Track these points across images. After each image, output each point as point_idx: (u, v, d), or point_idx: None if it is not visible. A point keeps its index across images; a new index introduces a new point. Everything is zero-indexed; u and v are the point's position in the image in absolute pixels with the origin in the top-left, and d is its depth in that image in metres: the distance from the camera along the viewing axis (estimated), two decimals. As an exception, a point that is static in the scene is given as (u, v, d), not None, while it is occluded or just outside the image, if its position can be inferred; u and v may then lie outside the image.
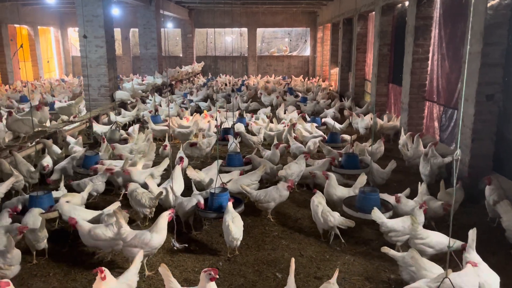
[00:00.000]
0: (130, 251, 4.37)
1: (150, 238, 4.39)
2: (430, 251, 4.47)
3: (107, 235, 4.51)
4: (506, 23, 5.99)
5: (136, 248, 4.32)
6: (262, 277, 4.50)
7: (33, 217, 4.86)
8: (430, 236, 4.51)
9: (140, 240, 4.36)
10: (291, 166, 6.62)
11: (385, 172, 6.78)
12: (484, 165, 6.42)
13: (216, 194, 5.38)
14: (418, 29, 8.89)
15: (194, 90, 17.19)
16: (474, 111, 6.28)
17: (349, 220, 5.08)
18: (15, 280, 4.39)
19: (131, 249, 4.37)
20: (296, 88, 18.60)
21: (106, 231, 4.54)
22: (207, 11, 25.81)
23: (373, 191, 5.45)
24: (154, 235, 4.42)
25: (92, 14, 11.41)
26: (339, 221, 5.06)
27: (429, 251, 4.47)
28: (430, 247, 4.47)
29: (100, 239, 4.53)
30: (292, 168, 6.59)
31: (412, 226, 4.52)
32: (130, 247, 4.38)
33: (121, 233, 4.43)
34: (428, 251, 4.47)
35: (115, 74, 12.55)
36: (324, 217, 5.07)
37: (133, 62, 25.98)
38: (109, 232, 4.52)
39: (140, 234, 4.42)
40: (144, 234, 4.42)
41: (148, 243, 4.37)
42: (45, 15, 24.16)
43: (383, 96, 12.21)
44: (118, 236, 4.44)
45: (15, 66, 20.48)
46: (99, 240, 4.54)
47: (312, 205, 5.33)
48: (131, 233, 4.43)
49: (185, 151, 8.18)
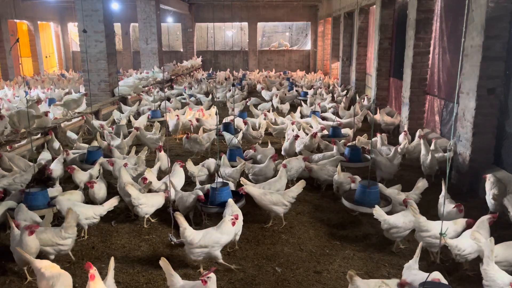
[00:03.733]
0: (200, 252, 4.30)
1: (220, 236, 4.36)
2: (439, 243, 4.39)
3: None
4: (508, 16, 5.93)
5: (207, 248, 4.28)
6: (261, 271, 4.50)
7: (24, 215, 4.81)
8: (436, 227, 4.41)
9: (212, 239, 4.30)
10: (291, 161, 6.62)
11: (393, 166, 6.78)
12: (484, 159, 6.40)
13: (217, 188, 5.37)
14: (419, 23, 8.83)
15: (194, 84, 17.15)
16: (475, 105, 6.24)
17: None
18: (17, 278, 4.40)
19: (201, 249, 4.30)
20: (297, 83, 18.54)
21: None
22: (207, 5, 25.70)
23: (372, 185, 5.43)
24: (221, 232, 4.39)
25: (92, 8, 11.37)
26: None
27: (437, 243, 4.34)
28: (438, 238, 4.32)
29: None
30: (292, 163, 6.59)
31: (415, 218, 4.50)
32: (200, 248, 4.30)
33: (186, 236, 4.31)
34: (437, 243, 4.34)
35: (115, 69, 12.52)
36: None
37: (134, 57, 25.92)
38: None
39: (208, 233, 4.35)
40: (211, 233, 4.36)
41: (218, 241, 4.34)
42: (45, 10, 24.09)
43: (384, 90, 12.17)
44: (184, 239, 4.32)
45: (15, 61, 20.44)
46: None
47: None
48: (197, 234, 4.34)
49: (185, 145, 8.22)
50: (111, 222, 5.57)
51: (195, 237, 4.27)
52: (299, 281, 4.32)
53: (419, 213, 4.61)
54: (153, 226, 5.52)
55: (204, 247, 4.28)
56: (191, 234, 4.29)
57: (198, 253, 4.29)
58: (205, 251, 4.29)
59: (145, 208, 5.36)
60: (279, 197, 5.37)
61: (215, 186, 5.41)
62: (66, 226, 4.40)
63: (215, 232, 4.38)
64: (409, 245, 4.95)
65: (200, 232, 4.36)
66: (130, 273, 4.46)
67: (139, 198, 5.32)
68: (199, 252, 4.28)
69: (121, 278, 4.35)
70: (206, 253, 4.31)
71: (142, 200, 5.34)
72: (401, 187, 5.81)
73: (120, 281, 4.30)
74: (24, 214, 4.80)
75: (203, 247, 4.28)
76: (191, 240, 4.25)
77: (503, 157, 6.27)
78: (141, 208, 5.33)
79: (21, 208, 4.86)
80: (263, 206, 5.38)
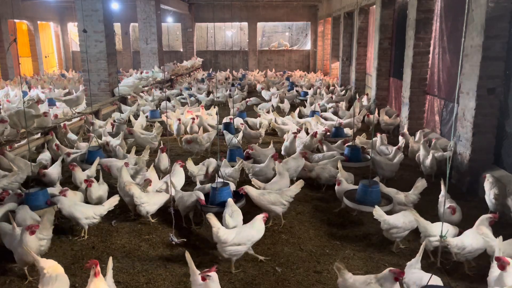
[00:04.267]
0: (233, 249, 4.37)
1: (254, 233, 4.47)
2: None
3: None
4: (508, 16, 5.93)
5: (240, 245, 4.36)
6: (261, 271, 4.50)
7: (24, 215, 4.79)
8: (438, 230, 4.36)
9: (245, 237, 4.39)
10: (289, 161, 6.62)
11: (394, 164, 6.78)
12: (484, 159, 6.40)
13: (217, 188, 5.37)
14: (419, 22, 8.83)
15: (194, 84, 17.15)
16: (475, 105, 6.25)
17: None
18: (17, 278, 4.41)
19: (234, 247, 4.37)
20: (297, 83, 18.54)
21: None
22: (207, 5, 25.70)
23: (374, 184, 5.43)
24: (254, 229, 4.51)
25: (92, 8, 11.36)
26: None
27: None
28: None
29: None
30: (289, 163, 6.59)
31: (419, 223, 4.50)
32: (233, 246, 4.36)
33: (220, 236, 4.33)
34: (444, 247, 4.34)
35: (115, 69, 12.52)
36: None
37: (134, 57, 25.92)
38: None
39: (242, 231, 4.43)
40: (245, 230, 4.45)
41: (251, 238, 4.45)
42: (44, 10, 24.09)
43: (384, 90, 12.18)
44: (216, 238, 4.35)
45: (15, 61, 20.43)
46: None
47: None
48: (230, 233, 4.38)
49: (184, 146, 8.22)
50: (111, 222, 5.57)
51: (229, 236, 4.34)
52: (299, 281, 4.32)
53: (419, 214, 4.61)
54: (154, 226, 5.52)
55: (237, 245, 4.37)
56: (224, 234, 4.35)
57: (231, 250, 4.38)
58: (238, 248, 4.39)
59: (147, 207, 5.36)
60: (277, 196, 5.37)
61: (215, 186, 5.41)
62: (41, 228, 4.37)
63: (248, 229, 4.48)
64: (409, 245, 4.95)
65: (233, 231, 4.42)
66: (130, 273, 4.46)
67: (141, 197, 5.32)
68: (232, 250, 4.37)
69: (121, 278, 4.35)
70: (238, 251, 4.40)
71: (144, 199, 5.34)
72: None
73: (120, 281, 4.30)
74: (24, 214, 4.80)
75: (236, 245, 4.36)
76: (225, 239, 4.32)
77: (503, 157, 6.28)
78: (143, 207, 5.33)
79: (23, 208, 4.85)
80: (262, 206, 5.38)
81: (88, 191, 5.60)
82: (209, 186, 5.69)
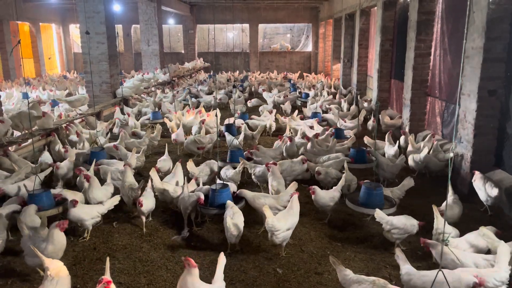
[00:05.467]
0: (285, 235, 4.71)
1: (297, 217, 4.85)
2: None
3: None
4: (508, 18, 5.94)
5: (290, 230, 4.76)
6: (262, 272, 4.51)
7: (30, 216, 4.79)
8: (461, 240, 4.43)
9: (293, 222, 4.78)
10: (284, 163, 6.64)
11: (395, 166, 6.80)
12: (486, 160, 6.40)
13: (217, 190, 5.38)
14: (420, 24, 8.84)
15: (195, 85, 17.18)
16: (476, 107, 6.25)
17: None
18: (17, 278, 4.42)
19: (286, 232, 4.70)
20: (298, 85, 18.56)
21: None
22: (209, 7, 25.73)
23: (377, 186, 5.44)
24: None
25: (93, 10, 11.39)
26: None
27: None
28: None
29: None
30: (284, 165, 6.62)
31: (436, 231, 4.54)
32: (285, 232, 4.69)
33: (274, 225, 4.60)
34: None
35: (116, 70, 12.55)
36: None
37: (135, 58, 25.97)
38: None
39: (290, 217, 4.78)
40: (291, 216, 4.80)
41: (296, 221, 4.87)
42: (46, 11, 24.16)
43: (385, 92, 12.18)
44: (272, 228, 4.60)
45: (17, 63, 20.50)
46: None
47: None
48: (279, 221, 4.67)
49: (186, 146, 8.27)
50: (113, 223, 5.58)
51: (281, 224, 4.65)
52: (300, 282, 4.32)
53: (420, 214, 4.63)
54: (154, 227, 5.53)
55: (288, 230, 4.70)
56: (277, 223, 4.63)
57: (283, 235, 4.67)
58: (289, 233, 4.73)
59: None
60: (272, 201, 5.38)
61: (215, 187, 5.42)
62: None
63: (292, 215, 4.82)
64: (410, 246, 4.96)
65: (280, 219, 4.70)
66: (131, 274, 4.47)
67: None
68: (284, 235, 4.68)
69: (122, 279, 4.36)
70: (288, 235, 4.73)
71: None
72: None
73: (122, 282, 4.31)
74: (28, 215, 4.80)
75: (287, 230, 4.69)
76: (279, 227, 4.61)
77: (504, 159, 6.27)
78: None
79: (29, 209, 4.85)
80: (257, 209, 5.40)
81: (89, 191, 5.61)
82: (207, 187, 5.72)
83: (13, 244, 4.99)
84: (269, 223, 4.59)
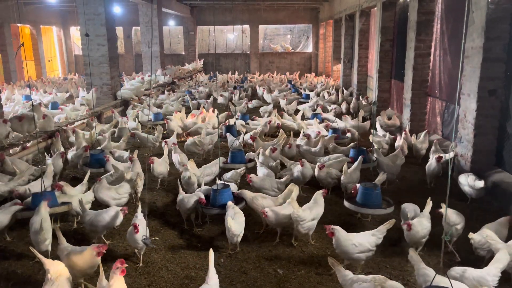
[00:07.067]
0: (310, 224, 4.97)
1: (322, 208, 5.13)
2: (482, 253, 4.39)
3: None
4: (508, 18, 5.95)
5: (314, 220, 5.01)
6: (263, 273, 4.51)
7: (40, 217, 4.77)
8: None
9: (318, 212, 5.06)
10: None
11: (395, 166, 6.80)
12: (486, 160, 6.41)
13: (218, 190, 5.39)
14: (420, 25, 8.85)
15: (196, 87, 17.20)
16: (476, 106, 6.26)
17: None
18: (19, 278, 4.43)
19: (311, 222, 4.97)
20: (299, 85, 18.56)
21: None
22: (209, 9, 25.77)
23: (374, 186, 5.44)
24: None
25: (94, 12, 11.43)
26: None
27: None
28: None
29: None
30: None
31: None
32: (310, 221, 4.95)
33: (301, 216, 4.84)
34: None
35: (117, 72, 12.58)
36: None
37: (136, 60, 26.01)
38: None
39: (314, 207, 5.04)
40: (315, 206, 5.06)
41: (321, 212, 5.11)
42: (47, 14, 24.22)
43: (386, 92, 12.19)
44: (298, 218, 4.84)
45: (18, 65, 20.55)
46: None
47: None
48: (305, 211, 4.91)
49: (187, 147, 8.29)
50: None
51: (306, 214, 4.89)
52: (301, 283, 4.33)
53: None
54: (155, 228, 5.54)
55: (312, 220, 4.94)
56: (302, 213, 4.86)
57: (308, 225, 4.92)
58: (314, 223, 4.98)
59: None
60: (270, 203, 5.38)
61: (216, 188, 5.43)
62: None
63: (317, 206, 5.06)
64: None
65: (306, 209, 4.94)
66: (132, 275, 4.48)
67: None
68: (309, 225, 4.92)
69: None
70: (314, 225, 4.99)
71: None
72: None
73: (122, 283, 4.31)
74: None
75: (312, 220, 4.93)
76: (305, 216, 4.86)
77: (504, 158, 6.28)
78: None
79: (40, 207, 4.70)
80: (255, 210, 5.40)
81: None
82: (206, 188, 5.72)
83: (14, 246, 5.00)
84: (294, 213, 4.80)
